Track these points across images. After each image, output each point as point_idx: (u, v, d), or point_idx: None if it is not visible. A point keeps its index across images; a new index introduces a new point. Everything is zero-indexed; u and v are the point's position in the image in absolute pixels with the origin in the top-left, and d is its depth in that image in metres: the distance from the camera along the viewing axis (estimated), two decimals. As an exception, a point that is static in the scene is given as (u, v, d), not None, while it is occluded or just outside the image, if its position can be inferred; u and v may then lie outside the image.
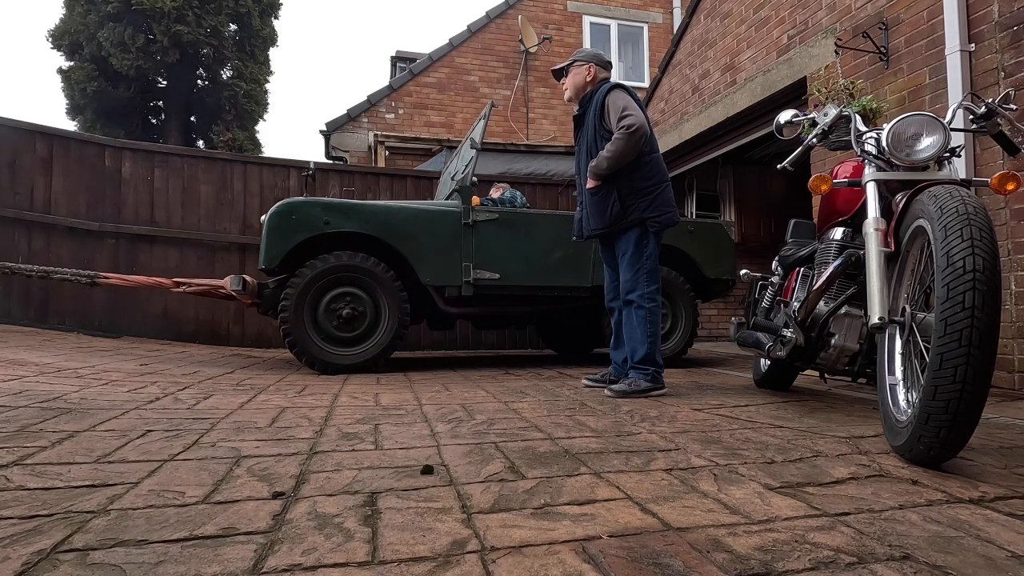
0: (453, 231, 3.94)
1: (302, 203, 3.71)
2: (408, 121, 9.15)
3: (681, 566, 0.89)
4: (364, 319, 3.70)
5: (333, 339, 3.64)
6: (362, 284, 3.70)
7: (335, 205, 3.75)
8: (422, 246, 3.85)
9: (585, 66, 3.02)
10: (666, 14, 10.50)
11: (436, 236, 3.89)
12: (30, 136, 5.38)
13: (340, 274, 3.65)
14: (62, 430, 1.70)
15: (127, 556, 0.89)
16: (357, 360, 3.64)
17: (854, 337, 2.19)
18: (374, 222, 3.76)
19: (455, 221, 3.96)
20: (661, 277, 4.30)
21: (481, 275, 3.95)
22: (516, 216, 4.19)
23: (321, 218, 3.67)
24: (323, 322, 3.62)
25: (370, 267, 3.69)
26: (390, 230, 3.79)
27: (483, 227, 4.03)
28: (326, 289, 3.63)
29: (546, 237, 4.17)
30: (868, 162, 1.90)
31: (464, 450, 1.61)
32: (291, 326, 3.51)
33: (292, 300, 3.52)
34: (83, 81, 12.84)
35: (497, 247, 4.03)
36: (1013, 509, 1.17)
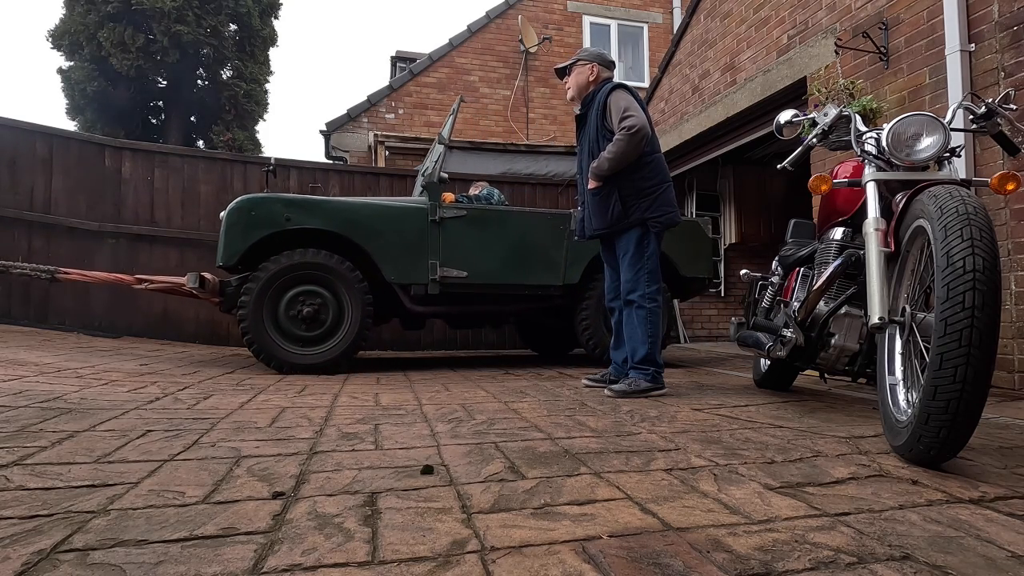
0: (419, 228, 3.87)
1: (262, 199, 3.64)
2: (408, 121, 9.15)
3: (681, 566, 0.89)
4: (327, 318, 3.63)
5: (295, 338, 3.56)
6: (325, 282, 3.63)
7: (297, 201, 3.68)
8: (387, 243, 3.78)
9: (588, 65, 3.02)
10: (666, 14, 10.49)
11: (402, 233, 3.83)
12: (30, 136, 5.38)
13: (301, 272, 3.58)
14: (62, 430, 1.70)
15: (127, 556, 0.89)
16: (319, 360, 3.57)
17: (854, 337, 2.19)
18: (337, 219, 3.69)
19: (421, 218, 3.89)
20: None
21: (448, 273, 3.88)
22: (485, 213, 4.10)
23: (282, 214, 3.60)
24: (284, 321, 3.55)
25: (332, 265, 3.61)
26: (354, 227, 3.71)
27: (451, 224, 3.95)
28: (287, 287, 3.56)
29: (517, 235, 4.10)
30: (868, 162, 1.90)
31: (464, 450, 1.61)
32: (249, 324, 3.44)
33: (251, 298, 3.45)
34: (83, 81, 12.84)
35: (465, 245, 3.96)
36: (1013, 509, 1.17)
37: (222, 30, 13.16)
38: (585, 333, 4.22)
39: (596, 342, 4.21)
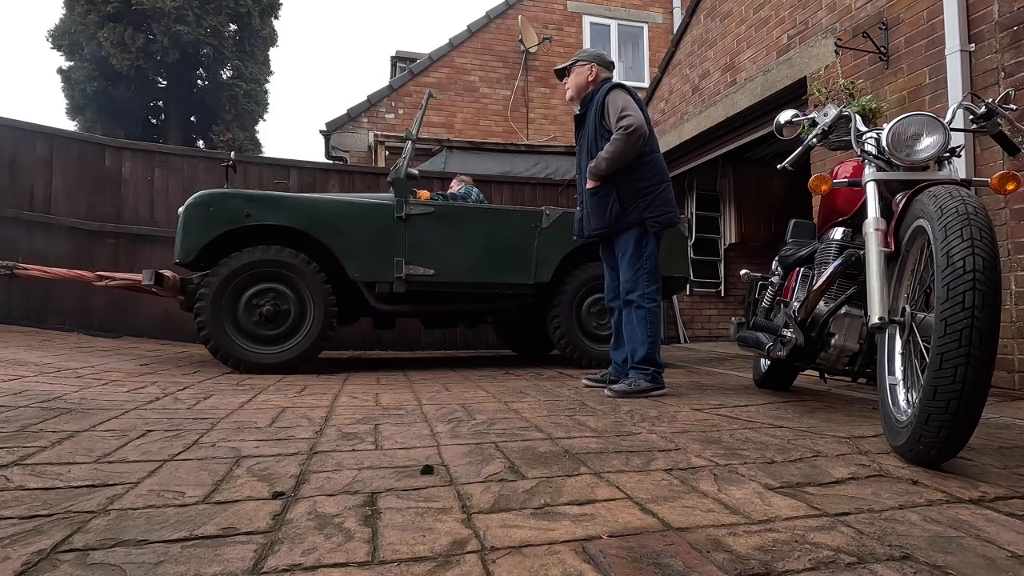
0: (384, 225, 3.80)
1: (221, 195, 3.58)
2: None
3: (681, 566, 0.89)
4: (288, 316, 3.56)
5: (254, 337, 3.50)
6: (286, 280, 3.56)
7: (257, 197, 3.62)
8: (351, 240, 3.71)
9: (587, 66, 3.02)
10: (666, 14, 10.49)
11: (366, 230, 3.76)
12: (30, 136, 5.38)
13: (261, 269, 3.51)
14: (62, 430, 1.70)
15: (127, 556, 0.89)
16: (279, 359, 3.50)
17: (854, 337, 2.19)
18: (300, 215, 3.63)
19: (387, 215, 3.82)
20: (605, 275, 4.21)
21: (414, 271, 3.81)
22: (454, 210, 4.03)
23: (242, 210, 3.53)
24: (243, 319, 3.49)
25: (294, 262, 3.55)
26: (317, 223, 3.65)
27: (418, 221, 3.87)
28: (247, 285, 3.50)
29: (486, 233, 4.03)
30: (868, 162, 1.90)
31: (464, 450, 1.61)
32: (206, 322, 3.37)
33: (209, 296, 3.39)
34: (83, 81, 12.85)
35: (433, 242, 3.88)
36: (1013, 509, 1.17)
37: (222, 30, 13.17)
38: (557, 332, 4.16)
39: (568, 342, 4.16)
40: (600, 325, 4.29)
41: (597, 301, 4.27)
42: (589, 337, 4.27)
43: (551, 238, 4.14)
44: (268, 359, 3.49)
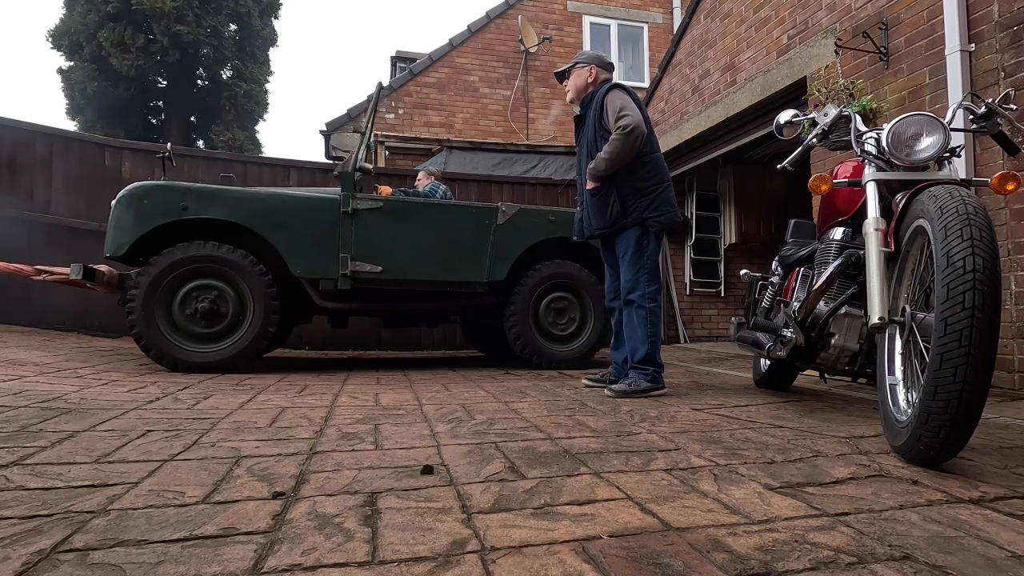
0: (329, 220, 3.68)
1: (155, 187, 3.44)
2: (408, 121, 9.14)
3: (681, 566, 0.89)
4: (226, 314, 3.45)
5: (192, 335, 3.40)
6: (224, 276, 3.45)
7: (195, 190, 3.50)
8: (294, 235, 3.59)
9: (587, 67, 3.03)
10: (666, 14, 10.49)
11: (310, 225, 3.64)
12: (30, 136, 5.38)
13: (198, 265, 3.39)
14: (62, 430, 1.70)
15: (127, 556, 0.89)
16: (216, 358, 3.39)
17: (854, 337, 2.19)
18: (240, 209, 3.51)
19: (332, 210, 3.70)
20: (569, 273, 4.12)
21: (361, 268, 3.69)
22: (404, 206, 3.90)
23: (178, 203, 3.40)
24: (178, 316, 3.37)
25: (232, 257, 3.43)
26: (258, 218, 3.53)
27: (365, 217, 3.74)
28: (183, 281, 3.39)
29: (438, 228, 3.90)
30: (868, 162, 1.90)
31: (464, 450, 1.61)
32: (138, 319, 3.26)
33: (141, 292, 3.28)
34: (83, 81, 12.85)
35: (381, 238, 3.76)
36: (1013, 509, 1.17)
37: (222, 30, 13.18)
38: (512, 332, 4.04)
39: (524, 342, 4.04)
40: (558, 325, 4.18)
41: (556, 300, 4.18)
42: (547, 337, 4.15)
43: (507, 235, 4.02)
44: (205, 357, 3.37)
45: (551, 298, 4.16)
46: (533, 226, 4.10)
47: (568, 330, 4.21)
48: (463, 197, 6.32)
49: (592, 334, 4.23)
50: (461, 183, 6.62)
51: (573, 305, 4.23)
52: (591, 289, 4.21)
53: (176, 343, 3.35)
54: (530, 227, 4.09)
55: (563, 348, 4.17)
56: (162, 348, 3.31)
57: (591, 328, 4.24)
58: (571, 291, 4.21)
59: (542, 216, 4.16)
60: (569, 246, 4.21)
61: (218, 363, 3.40)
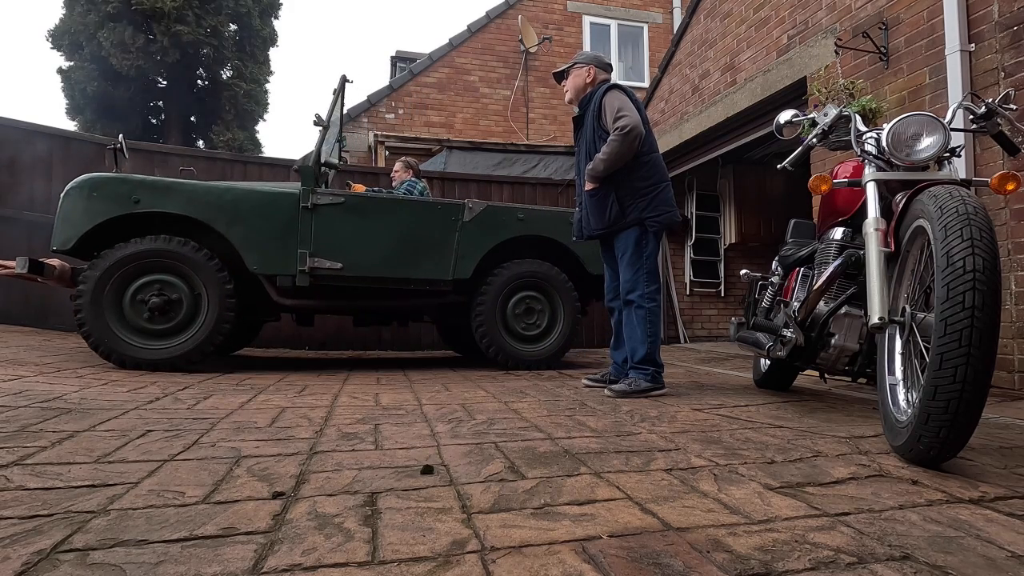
0: (288, 215, 3.59)
1: (106, 179, 3.36)
2: (408, 121, 9.14)
3: (681, 566, 0.89)
4: (180, 310, 3.36)
5: (143, 331, 3.29)
6: (178, 271, 3.37)
7: (148, 182, 3.41)
8: (251, 230, 3.51)
9: (585, 68, 3.03)
10: (666, 14, 10.49)
11: (267, 220, 3.55)
12: (30, 136, 5.38)
13: (150, 259, 3.30)
14: (62, 430, 1.70)
15: (127, 556, 0.89)
16: (168, 355, 3.29)
17: (854, 337, 2.19)
18: (195, 203, 3.42)
19: (290, 204, 3.61)
20: (538, 272, 4.04)
21: (320, 264, 3.60)
22: (365, 201, 3.80)
23: (130, 196, 3.33)
24: (130, 312, 3.28)
25: (186, 252, 3.34)
26: (214, 212, 3.45)
27: (326, 212, 3.65)
28: (134, 276, 3.30)
29: (401, 225, 3.80)
30: (868, 162, 1.90)
31: (464, 450, 1.61)
32: (86, 316, 3.17)
33: (89, 288, 3.19)
34: (83, 81, 12.86)
35: (341, 234, 3.67)
36: (1013, 509, 1.17)
37: (222, 30, 13.18)
38: (479, 332, 3.95)
39: (491, 342, 3.95)
40: (527, 325, 4.09)
41: (524, 300, 4.09)
42: (515, 337, 4.06)
43: (473, 232, 3.94)
44: (157, 354, 3.28)
45: (519, 297, 4.08)
46: (501, 224, 4.01)
47: (537, 330, 4.12)
48: (463, 197, 6.31)
49: (562, 334, 4.14)
50: (461, 183, 6.62)
51: (542, 304, 4.14)
52: (561, 288, 4.14)
53: (127, 340, 3.25)
54: (498, 225, 4.00)
55: (531, 348, 4.08)
56: (112, 345, 3.21)
57: (561, 328, 4.15)
58: (540, 290, 4.13)
59: (511, 214, 4.07)
60: (539, 245, 4.14)
61: (172, 360, 3.30)
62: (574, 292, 4.19)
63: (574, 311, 4.16)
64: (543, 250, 4.17)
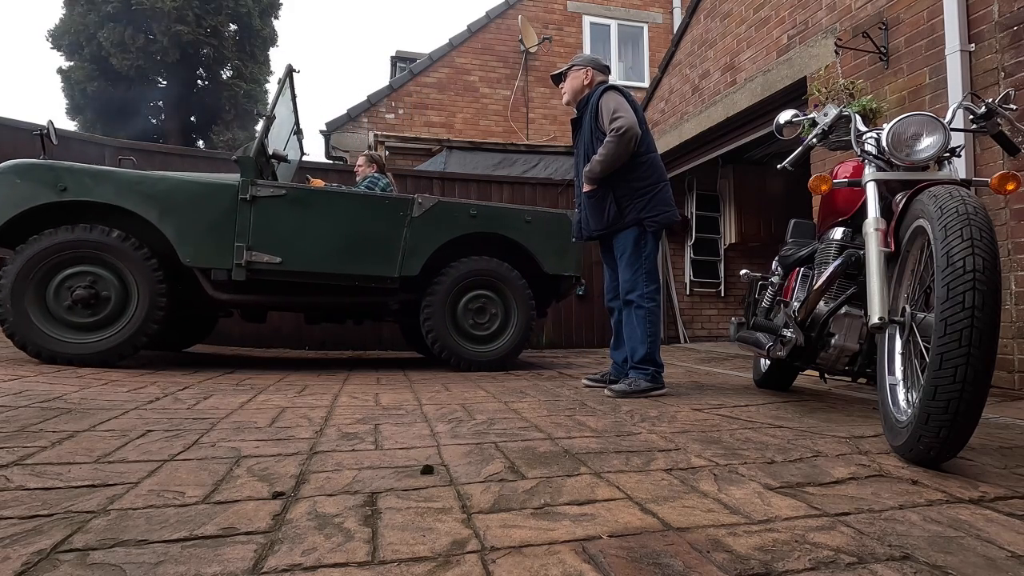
0: (225, 207, 3.47)
1: (31, 165, 3.24)
2: (408, 121, 9.15)
3: (681, 566, 0.89)
4: (107, 303, 3.25)
5: (69, 325, 3.19)
6: (106, 263, 3.25)
7: (77, 170, 3.28)
8: (185, 222, 3.39)
9: (583, 70, 3.03)
10: (666, 14, 10.50)
11: (203, 211, 3.43)
12: (30, 136, 5.37)
13: (75, 250, 3.19)
14: (62, 430, 1.70)
15: (127, 556, 0.89)
16: (95, 349, 3.18)
17: (854, 337, 2.19)
18: (126, 192, 3.30)
19: (228, 196, 3.48)
20: (491, 269, 3.93)
21: (257, 258, 3.48)
22: (308, 194, 3.68)
23: (56, 184, 3.20)
24: (54, 305, 3.17)
25: (113, 243, 3.22)
26: (145, 202, 3.32)
27: (266, 204, 3.53)
28: (59, 267, 3.19)
29: (346, 219, 3.68)
30: (868, 162, 1.90)
31: (464, 450, 1.61)
32: (6, 310, 3.08)
33: (9, 280, 3.09)
34: (83, 81, 12.86)
35: (282, 228, 3.54)
36: (1013, 509, 1.17)
37: (222, 30, 13.18)
38: (427, 331, 3.82)
39: (440, 342, 3.82)
40: (479, 325, 3.96)
41: (476, 298, 3.96)
42: (466, 337, 3.93)
43: (423, 228, 3.81)
44: (83, 349, 3.18)
45: (471, 296, 3.95)
46: (452, 220, 3.89)
47: (489, 330, 3.99)
48: (463, 197, 6.31)
49: (515, 334, 4.01)
50: (461, 183, 6.62)
51: (495, 303, 4.01)
52: (515, 287, 4.01)
53: (51, 334, 3.15)
54: (449, 221, 3.88)
55: (483, 349, 3.95)
56: (35, 340, 3.12)
57: (514, 328, 4.01)
58: (493, 289, 4.00)
59: (463, 210, 3.95)
60: (494, 242, 4.02)
61: (100, 355, 3.22)
62: (528, 291, 4.07)
63: (528, 310, 4.04)
64: (500, 248, 4.07)
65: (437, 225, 3.85)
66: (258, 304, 3.84)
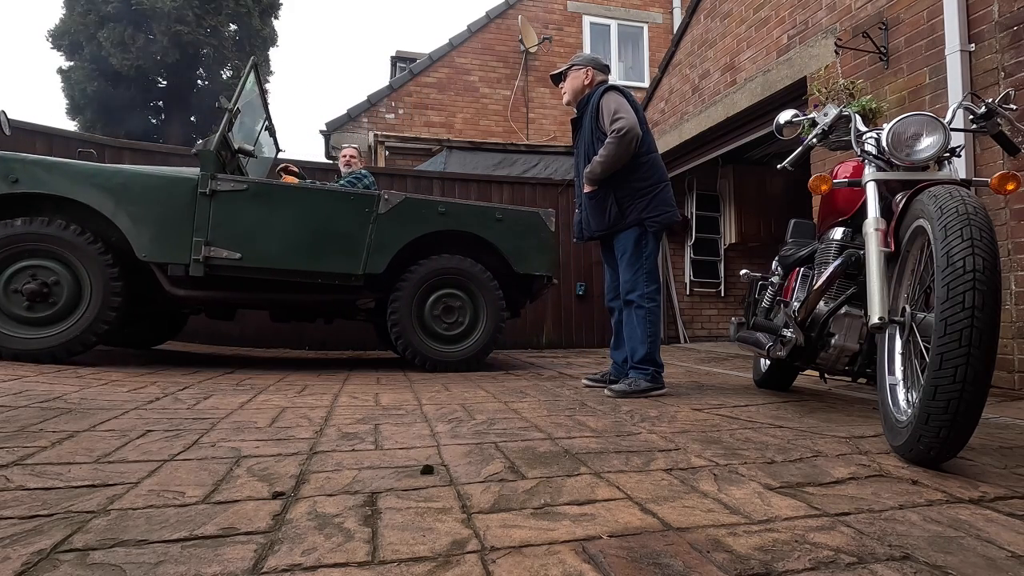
0: (184, 201, 3.39)
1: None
2: (408, 121, 9.15)
3: (681, 566, 0.89)
4: (59, 297, 3.19)
5: (18, 319, 3.14)
6: (59, 257, 3.20)
7: (29, 161, 3.21)
8: (141, 216, 3.32)
9: (583, 70, 3.03)
10: (666, 14, 10.50)
11: (160, 205, 3.36)
12: (30, 136, 5.38)
13: (26, 244, 3.13)
14: (62, 430, 1.70)
15: (127, 556, 0.89)
16: (46, 345, 3.13)
17: (854, 337, 2.19)
18: (80, 185, 3.23)
19: (186, 190, 3.41)
20: (459, 268, 3.84)
21: (216, 253, 3.40)
22: (271, 189, 3.60)
23: (6, 175, 3.14)
24: (2, 299, 3.12)
25: (66, 236, 3.16)
26: (101, 195, 3.26)
27: (226, 199, 3.45)
28: (9, 261, 3.15)
29: (309, 215, 3.60)
30: (868, 162, 1.90)
31: (464, 450, 1.61)
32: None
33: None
34: (83, 81, 12.86)
35: (242, 223, 3.47)
36: (1013, 509, 1.17)
37: (222, 30, 13.18)
38: (393, 330, 3.75)
39: (405, 342, 3.75)
40: (447, 325, 3.87)
41: (444, 297, 3.87)
42: (433, 337, 3.84)
43: (389, 225, 3.72)
44: (32, 344, 3.12)
45: (439, 295, 3.87)
46: (420, 217, 3.80)
47: (457, 330, 3.91)
48: (463, 197, 6.31)
49: (484, 335, 3.93)
50: (461, 183, 6.62)
51: (464, 303, 3.92)
52: (484, 286, 3.92)
53: None
54: (417, 218, 3.80)
55: (451, 349, 3.87)
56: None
57: (483, 328, 3.93)
58: (462, 288, 3.91)
59: (431, 207, 3.86)
60: (466, 241, 3.95)
61: (51, 350, 3.16)
62: (498, 291, 3.98)
63: (498, 310, 3.95)
64: (472, 247, 3.99)
65: (404, 222, 3.77)
66: (217, 301, 3.74)
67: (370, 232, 3.70)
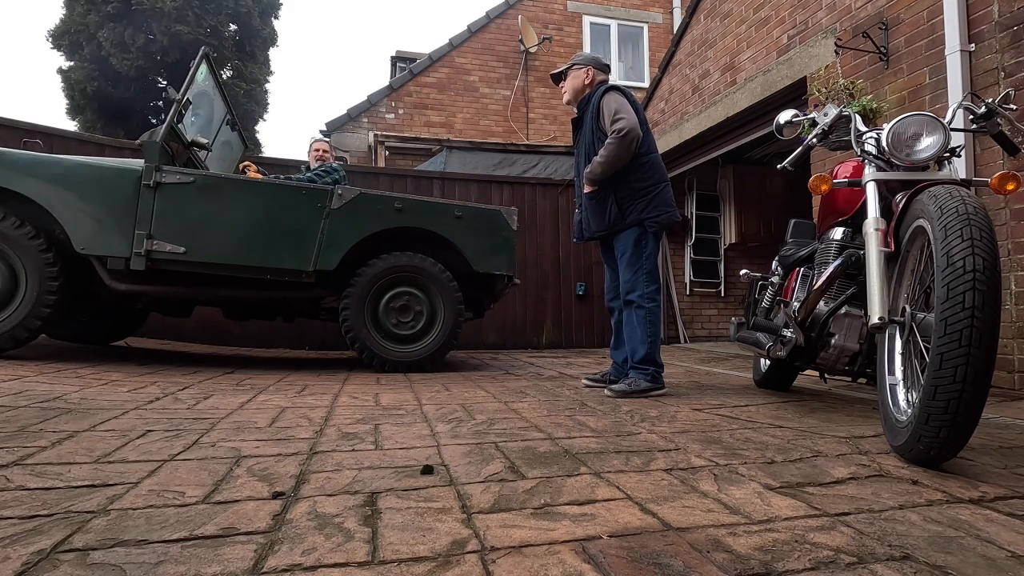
0: (126, 193, 3.31)
1: None
2: (408, 121, 9.15)
3: (681, 566, 0.89)
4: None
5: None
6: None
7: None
8: (80, 208, 3.24)
9: (583, 69, 3.03)
10: (666, 14, 10.50)
11: (100, 197, 3.28)
12: (30, 136, 5.37)
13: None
14: (62, 430, 1.70)
15: (127, 556, 0.89)
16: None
17: (854, 337, 2.19)
18: (18, 175, 3.17)
19: (128, 181, 3.33)
20: (415, 266, 3.74)
21: (159, 247, 3.32)
22: (219, 182, 3.52)
23: None
24: None
25: (0, 227, 3.12)
26: (38, 185, 3.19)
27: (171, 192, 3.37)
28: None
29: (258, 209, 3.52)
30: (868, 162, 1.90)
31: (464, 450, 1.61)
32: None
33: None
34: (83, 81, 12.85)
35: (188, 216, 3.38)
36: (1013, 509, 1.17)
37: (222, 30, 13.17)
38: (344, 325, 3.65)
39: (358, 341, 3.65)
40: (402, 324, 3.77)
41: (400, 296, 3.77)
42: (388, 337, 3.74)
43: (342, 221, 3.63)
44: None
45: (394, 293, 3.76)
46: (375, 213, 3.71)
47: (414, 329, 3.80)
48: (463, 197, 6.31)
49: (441, 333, 3.82)
50: (461, 183, 6.62)
51: (420, 301, 3.81)
52: (441, 285, 3.81)
53: None
54: (371, 214, 3.70)
55: (407, 349, 3.77)
56: None
57: (440, 327, 3.82)
58: (418, 286, 3.81)
59: (387, 203, 3.76)
60: (422, 237, 3.86)
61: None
62: (457, 291, 3.88)
63: (456, 310, 3.84)
64: (432, 244, 3.90)
65: (358, 218, 3.68)
66: (160, 296, 3.65)
67: (322, 228, 3.61)
